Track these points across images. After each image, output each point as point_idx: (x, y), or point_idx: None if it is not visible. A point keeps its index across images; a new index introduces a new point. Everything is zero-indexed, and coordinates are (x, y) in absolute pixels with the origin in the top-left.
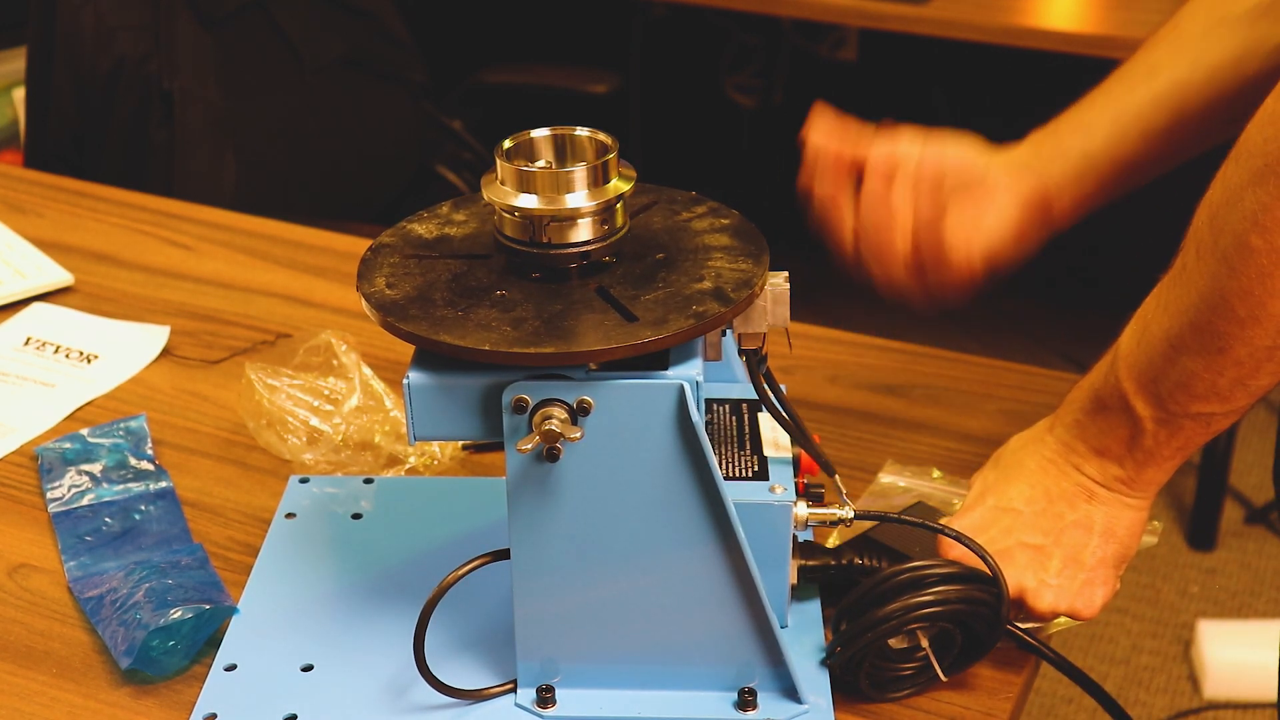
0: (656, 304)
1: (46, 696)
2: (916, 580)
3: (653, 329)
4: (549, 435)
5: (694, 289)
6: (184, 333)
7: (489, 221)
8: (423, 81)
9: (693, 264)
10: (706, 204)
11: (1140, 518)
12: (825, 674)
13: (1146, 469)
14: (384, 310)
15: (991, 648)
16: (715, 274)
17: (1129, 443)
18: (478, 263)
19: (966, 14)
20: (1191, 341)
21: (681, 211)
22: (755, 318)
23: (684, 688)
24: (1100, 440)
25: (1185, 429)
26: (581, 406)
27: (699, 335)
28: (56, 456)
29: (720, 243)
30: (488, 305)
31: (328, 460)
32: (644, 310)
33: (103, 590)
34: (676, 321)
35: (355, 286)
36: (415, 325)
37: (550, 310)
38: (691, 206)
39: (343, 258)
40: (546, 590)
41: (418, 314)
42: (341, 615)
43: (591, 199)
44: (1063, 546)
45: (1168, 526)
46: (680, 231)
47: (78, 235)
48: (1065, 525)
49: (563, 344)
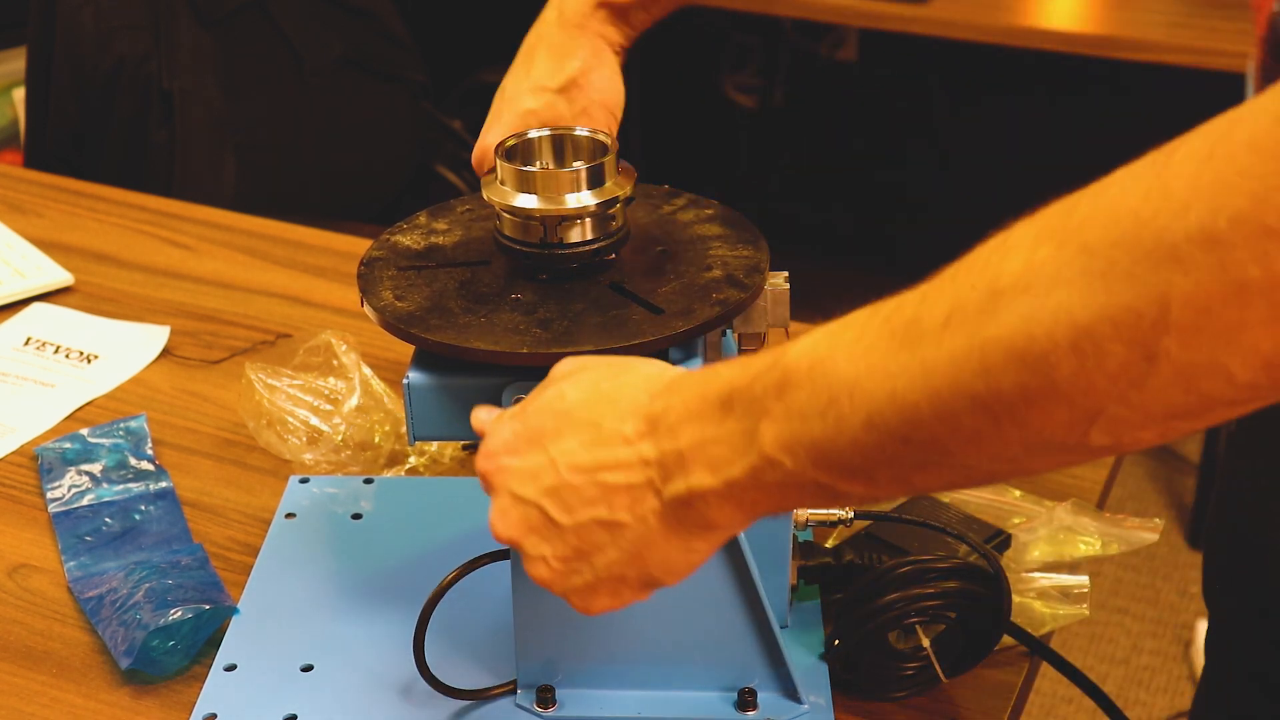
0: (676, 295)
1: (46, 697)
2: (917, 574)
3: (683, 319)
4: None
5: (706, 278)
6: (184, 333)
7: (474, 228)
8: (423, 81)
9: (695, 254)
10: (684, 196)
11: (689, 563)
12: (825, 674)
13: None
14: (404, 322)
15: (993, 648)
16: (721, 262)
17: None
18: (480, 269)
19: (966, 14)
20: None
21: (663, 205)
22: (755, 318)
23: (684, 688)
24: (713, 437)
25: (807, 493)
26: None
27: (726, 323)
28: (56, 456)
29: (713, 232)
30: (507, 309)
31: (328, 460)
32: (666, 302)
33: (103, 590)
34: (702, 310)
35: (360, 302)
36: (443, 335)
37: (573, 309)
38: (670, 200)
39: (343, 258)
40: (546, 591)
41: (440, 323)
42: (341, 615)
43: (599, 197)
44: (578, 537)
45: (1168, 526)
46: (669, 224)
47: (78, 235)
48: (592, 517)
49: (604, 339)
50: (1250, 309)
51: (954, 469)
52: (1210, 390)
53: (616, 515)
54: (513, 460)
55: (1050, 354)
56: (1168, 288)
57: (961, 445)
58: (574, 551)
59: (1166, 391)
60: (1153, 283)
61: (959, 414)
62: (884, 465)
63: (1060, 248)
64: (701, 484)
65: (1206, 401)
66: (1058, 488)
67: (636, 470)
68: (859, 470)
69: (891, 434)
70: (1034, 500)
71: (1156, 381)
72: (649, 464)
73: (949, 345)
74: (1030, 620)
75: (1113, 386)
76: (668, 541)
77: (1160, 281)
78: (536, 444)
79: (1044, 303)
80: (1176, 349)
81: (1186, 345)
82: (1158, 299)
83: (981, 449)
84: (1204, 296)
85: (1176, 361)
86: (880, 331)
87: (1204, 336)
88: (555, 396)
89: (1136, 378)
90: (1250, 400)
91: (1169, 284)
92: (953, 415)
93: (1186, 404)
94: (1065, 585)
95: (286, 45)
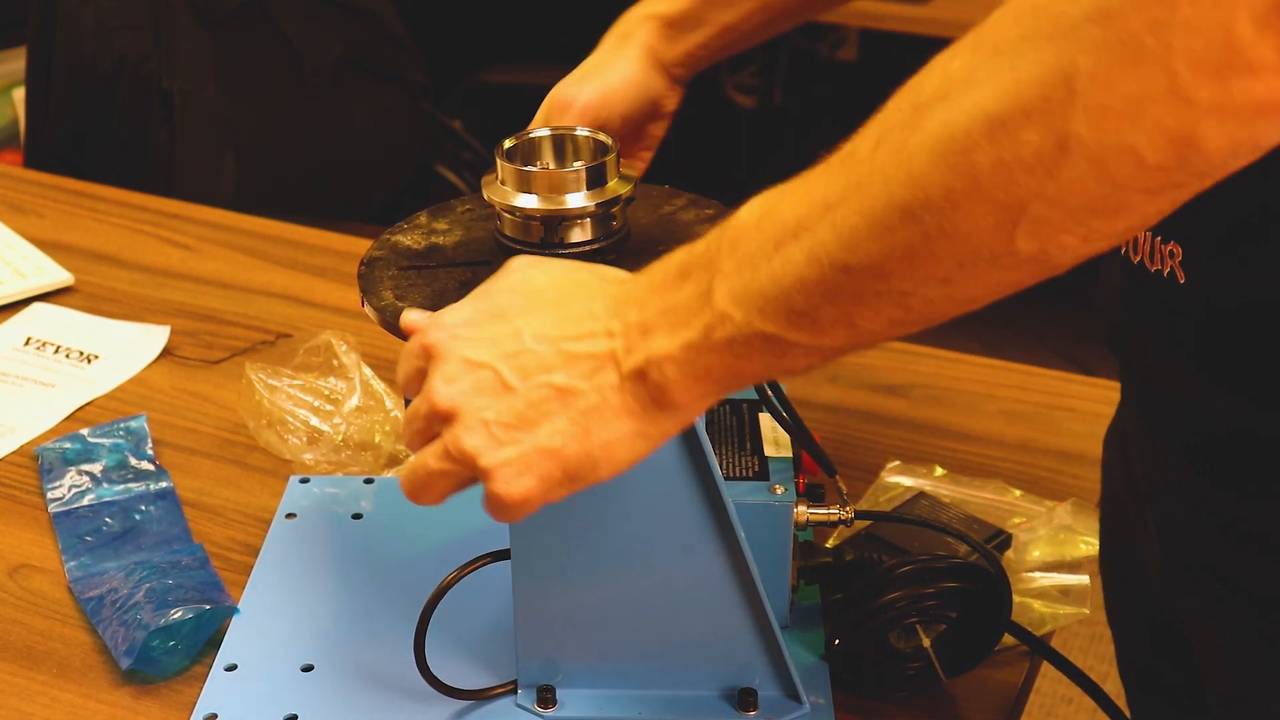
0: None
1: (47, 697)
2: (917, 573)
3: None
4: None
5: None
6: (184, 333)
7: (475, 228)
8: (423, 81)
9: None
10: (684, 196)
11: (632, 450)
12: (826, 674)
13: (691, 380)
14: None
15: (993, 648)
16: None
17: (699, 327)
18: (480, 269)
19: (966, 14)
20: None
21: (663, 205)
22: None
23: (684, 688)
24: (672, 303)
25: (755, 350)
26: None
27: None
28: (57, 456)
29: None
30: None
31: (328, 460)
32: None
33: (103, 590)
34: None
35: (361, 302)
36: None
37: None
38: (670, 200)
39: (343, 258)
40: (546, 590)
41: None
42: (342, 615)
43: (599, 198)
44: (527, 403)
45: None
46: (670, 224)
47: (78, 235)
48: (548, 381)
49: None
50: (1149, 81)
51: (893, 299)
52: (1122, 176)
53: (574, 382)
54: (471, 330)
55: (970, 151)
56: (1070, 67)
57: (896, 264)
58: (518, 418)
59: (1082, 181)
60: (1056, 64)
61: (893, 228)
62: (827, 301)
63: (974, 52)
64: (659, 350)
65: (1121, 191)
66: (1058, 488)
67: (601, 340)
68: (803, 314)
69: (833, 263)
70: (1034, 500)
71: (1071, 170)
72: (614, 335)
73: (879, 162)
74: (1030, 620)
75: (1030, 178)
76: (618, 419)
77: (1063, 62)
78: (501, 317)
79: (961, 105)
80: (1086, 130)
81: (1094, 126)
82: (1062, 79)
83: (915, 266)
84: (1104, 71)
85: (1087, 145)
86: (821, 172)
87: (1109, 116)
88: (523, 280)
89: (1051, 166)
90: (1164, 187)
91: (1071, 63)
92: (887, 230)
93: (1102, 194)
94: (1065, 585)
95: (286, 45)
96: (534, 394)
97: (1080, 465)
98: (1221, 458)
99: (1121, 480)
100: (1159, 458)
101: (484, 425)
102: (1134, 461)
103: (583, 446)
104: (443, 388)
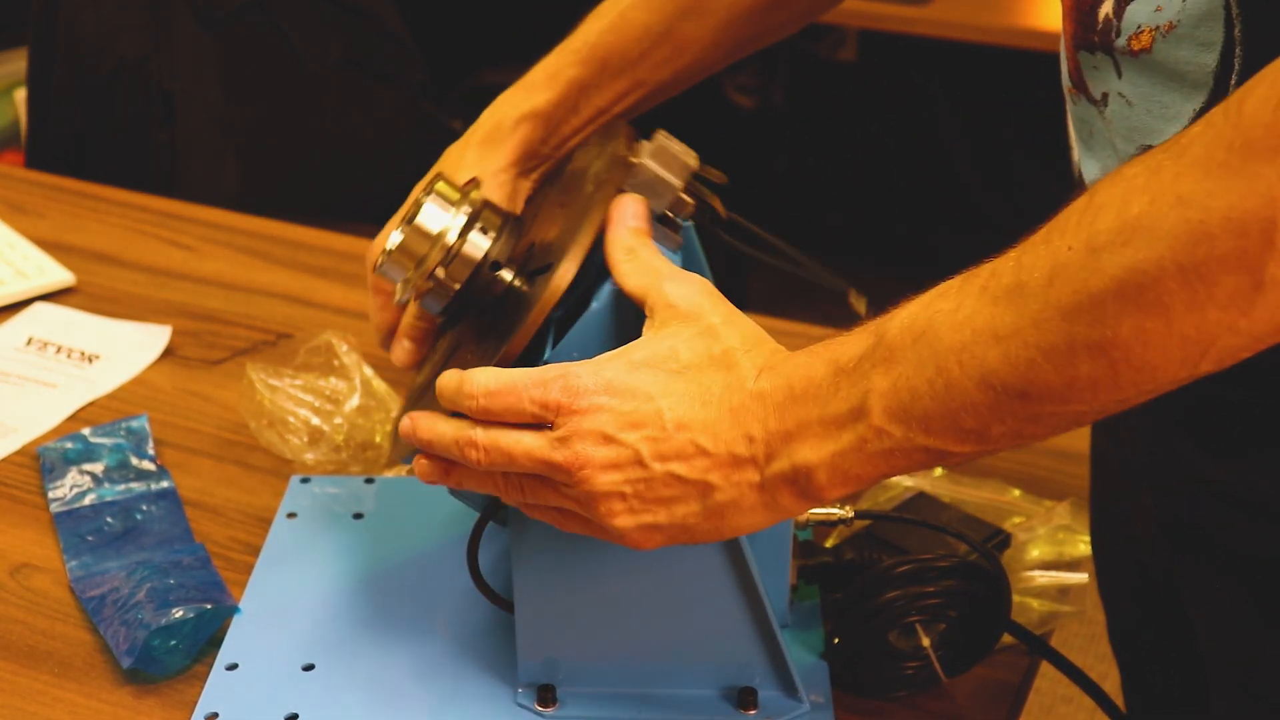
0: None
1: (48, 696)
2: (917, 573)
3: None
4: None
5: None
6: (185, 333)
7: None
8: (423, 81)
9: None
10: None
11: (766, 524)
12: (826, 674)
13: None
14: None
15: (993, 647)
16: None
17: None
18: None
19: (966, 14)
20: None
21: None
22: (657, 188)
23: (684, 687)
24: (819, 415)
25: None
26: None
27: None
28: (58, 456)
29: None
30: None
31: (329, 460)
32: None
33: (104, 590)
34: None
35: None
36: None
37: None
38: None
39: (343, 258)
40: (547, 590)
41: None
42: (343, 615)
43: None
44: (666, 486)
45: None
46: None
47: (79, 235)
48: (686, 473)
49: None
50: None
51: (1067, 417)
52: None
53: (710, 478)
54: (612, 401)
55: (1162, 296)
56: (1267, 210)
57: (1079, 393)
58: (656, 497)
59: (1273, 313)
60: (1256, 215)
61: (1077, 364)
62: (999, 422)
63: (1154, 203)
64: (806, 460)
65: None
66: (1058, 488)
67: (741, 445)
68: (972, 431)
69: (1009, 391)
70: (1033, 500)
71: (1265, 305)
72: (754, 441)
73: (1058, 301)
74: (1030, 619)
75: (1224, 315)
76: (755, 511)
77: (1263, 213)
78: (641, 395)
79: (1147, 254)
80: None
81: None
82: (1260, 229)
83: (1098, 394)
84: None
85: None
86: (980, 299)
87: None
88: (668, 355)
89: (1245, 306)
90: None
91: (1271, 209)
92: (1070, 366)
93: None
94: (1064, 583)
95: (286, 45)
96: (671, 480)
97: (1079, 464)
98: (1200, 423)
99: (1113, 455)
100: (1148, 432)
101: (620, 498)
102: (1125, 444)
103: (714, 526)
104: (582, 449)
